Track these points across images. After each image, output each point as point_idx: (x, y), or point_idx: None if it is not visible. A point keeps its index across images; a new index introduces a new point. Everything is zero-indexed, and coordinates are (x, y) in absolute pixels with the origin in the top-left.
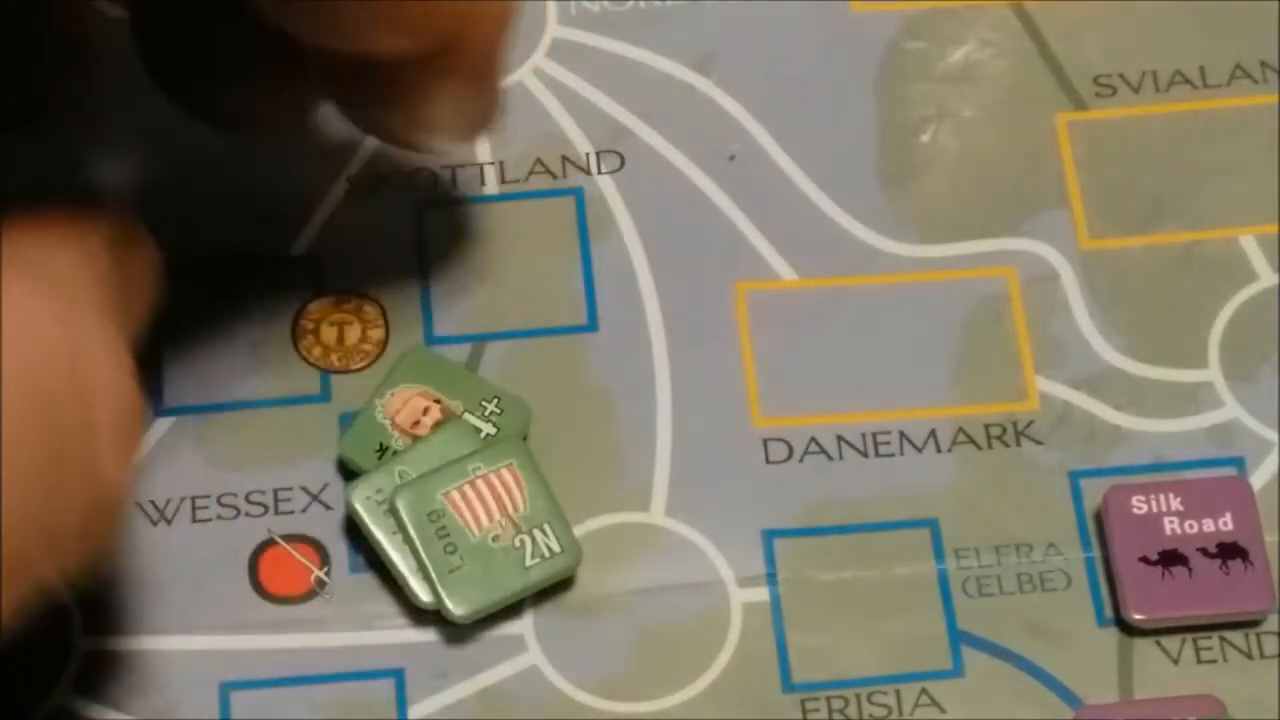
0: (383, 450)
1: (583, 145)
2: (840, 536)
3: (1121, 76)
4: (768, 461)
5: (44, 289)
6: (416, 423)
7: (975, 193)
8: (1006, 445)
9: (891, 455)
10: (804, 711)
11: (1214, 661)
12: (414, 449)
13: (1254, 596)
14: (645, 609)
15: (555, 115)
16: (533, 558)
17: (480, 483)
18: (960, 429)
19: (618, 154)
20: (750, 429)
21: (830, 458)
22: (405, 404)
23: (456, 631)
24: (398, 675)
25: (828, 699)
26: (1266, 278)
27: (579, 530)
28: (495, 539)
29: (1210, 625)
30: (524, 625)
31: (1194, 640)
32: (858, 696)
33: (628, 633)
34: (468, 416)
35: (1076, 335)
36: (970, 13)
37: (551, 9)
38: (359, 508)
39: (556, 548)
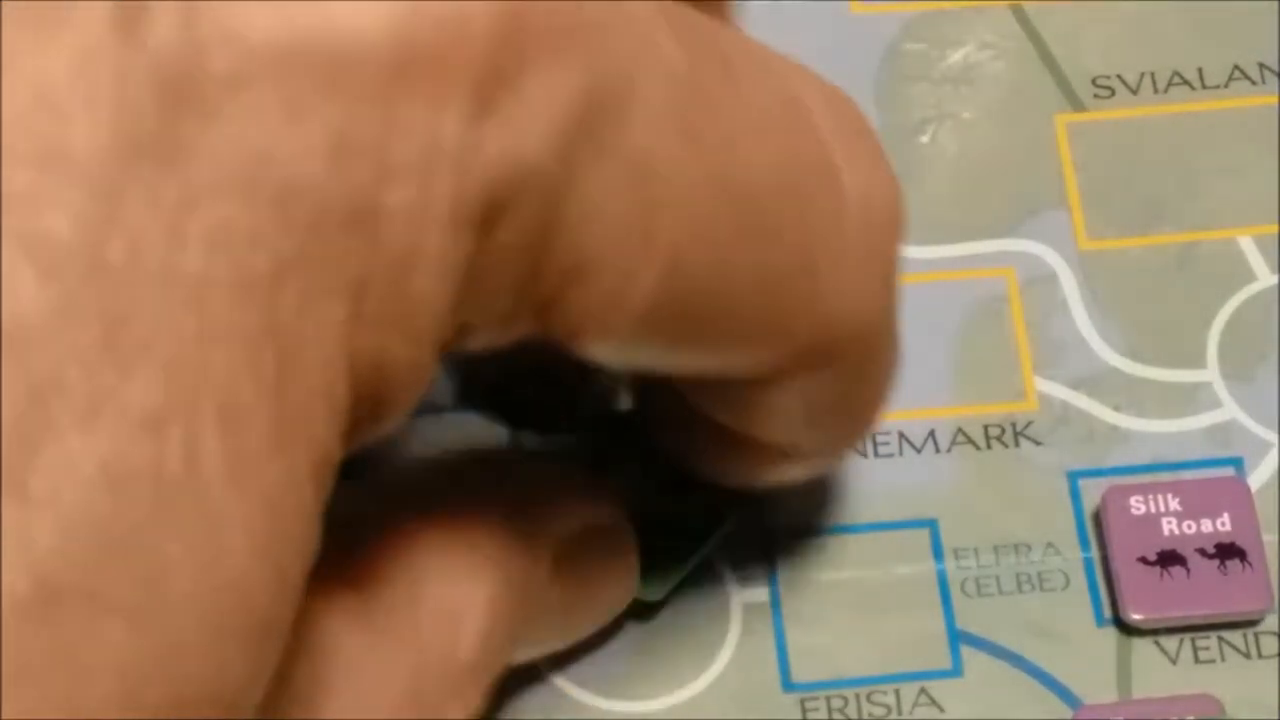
0: None
1: None
2: (840, 536)
3: (1120, 78)
4: None
5: None
6: None
7: (974, 193)
8: (1005, 445)
9: (890, 455)
10: (803, 711)
11: (1212, 661)
12: None
13: (1252, 596)
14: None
15: None
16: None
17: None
18: (959, 429)
19: None
20: None
21: None
22: None
23: None
24: None
25: (827, 698)
26: (1265, 278)
27: None
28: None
29: (1208, 625)
30: None
31: (1192, 640)
32: (857, 696)
33: (628, 632)
34: None
35: (1075, 336)
36: (969, 14)
37: None
38: None
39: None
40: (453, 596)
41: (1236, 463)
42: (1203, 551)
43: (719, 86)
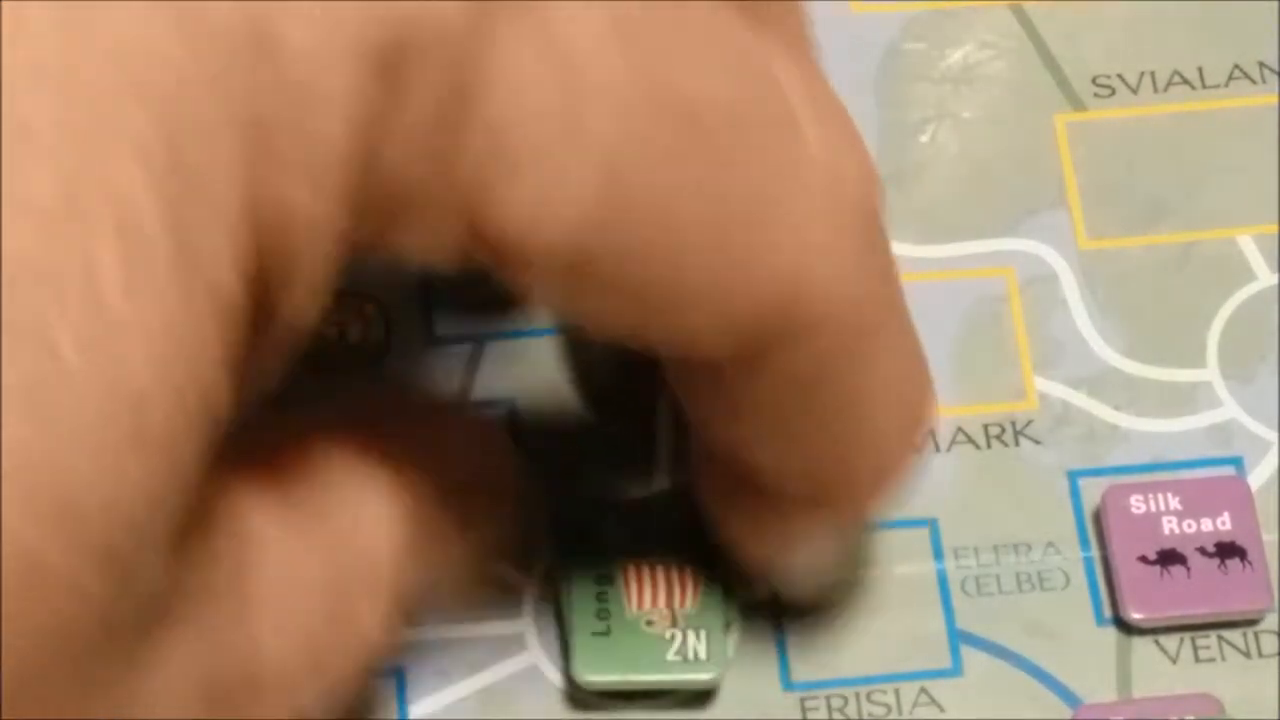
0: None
1: None
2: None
3: (1120, 77)
4: None
5: None
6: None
7: (974, 193)
8: (1005, 445)
9: None
10: (803, 710)
11: (1212, 660)
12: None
13: (1252, 596)
14: None
15: None
16: (675, 655)
17: (660, 568)
18: (959, 429)
19: None
20: None
21: None
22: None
23: (457, 631)
24: (398, 674)
25: (827, 698)
26: (1265, 278)
27: None
28: (649, 623)
29: (1208, 624)
30: (524, 625)
31: (1192, 639)
32: (857, 695)
33: None
34: None
35: (1075, 335)
36: (970, 14)
37: None
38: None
39: (703, 655)
40: (368, 504)
41: (1236, 462)
42: (1203, 551)
43: (665, 10)
